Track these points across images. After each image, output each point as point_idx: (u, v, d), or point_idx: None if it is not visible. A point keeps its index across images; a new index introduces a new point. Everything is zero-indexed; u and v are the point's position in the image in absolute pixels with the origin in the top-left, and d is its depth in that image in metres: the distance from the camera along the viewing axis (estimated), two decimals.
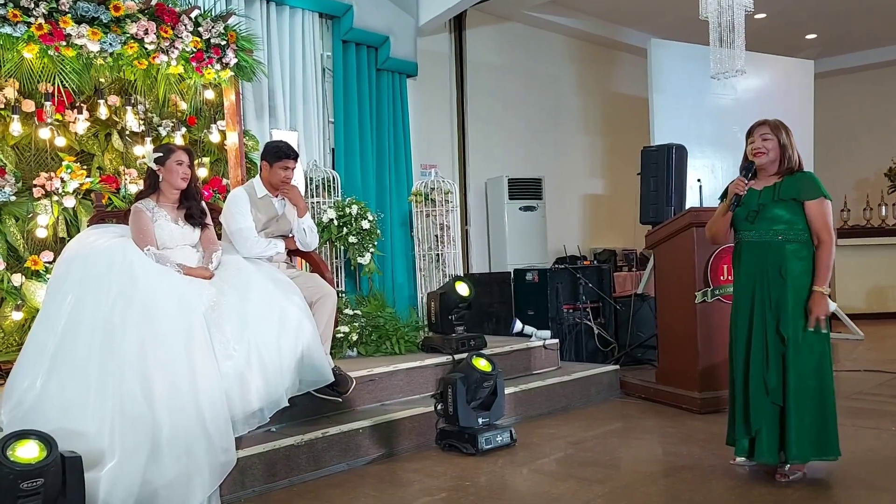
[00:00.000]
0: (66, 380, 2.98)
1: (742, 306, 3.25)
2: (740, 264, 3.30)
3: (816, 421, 3.11)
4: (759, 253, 3.20)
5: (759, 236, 3.20)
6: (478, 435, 3.76)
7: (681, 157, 6.35)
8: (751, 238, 3.24)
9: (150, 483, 2.83)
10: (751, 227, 3.23)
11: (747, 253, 3.26)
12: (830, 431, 3.13)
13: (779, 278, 3.14)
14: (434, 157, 7.20)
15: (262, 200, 4.01)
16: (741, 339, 3.24)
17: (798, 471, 3.17)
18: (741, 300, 3.27)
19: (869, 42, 9.43)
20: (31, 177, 4.28)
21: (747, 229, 3.24)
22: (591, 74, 8.92)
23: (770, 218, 3.17)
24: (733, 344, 3.29)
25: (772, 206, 3.17)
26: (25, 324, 4.05)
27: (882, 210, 9.55)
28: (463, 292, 4.70)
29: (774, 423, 3.13)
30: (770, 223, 3.17)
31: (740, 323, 3.26)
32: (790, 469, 3.15)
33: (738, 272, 3.31)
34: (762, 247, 3.19)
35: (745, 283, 3.24)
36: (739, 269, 3.31)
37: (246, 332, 3.29)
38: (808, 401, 3.09)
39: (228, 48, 4.62)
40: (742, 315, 3.25)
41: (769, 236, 3.17)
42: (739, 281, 3.29)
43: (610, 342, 6.27)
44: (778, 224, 3.16)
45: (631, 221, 7.41)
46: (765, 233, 3.18)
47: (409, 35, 6.57)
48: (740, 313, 3.26)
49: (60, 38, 3.94)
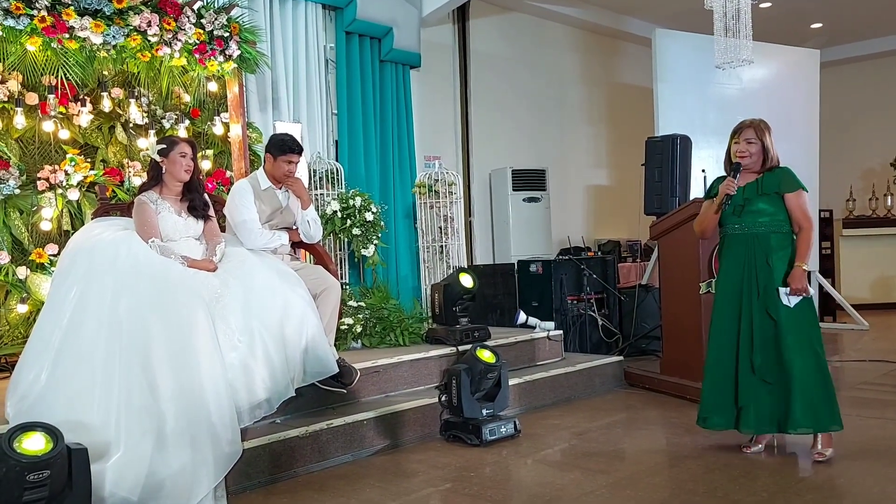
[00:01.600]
0: (72, 372, 2.99)
1: (730, 295, 3.45)
2: (727, 256, 3.50)
3: (820, 393, 3.29)
4: (747, 244, 3.41)
5: (746, 229, 3.42)
6: (482, 426, 3.77)
7: (685, 147, 6.33)
8: (737, 231, 3.45)
9: (155, 474, 2.84)
10: (737, 221, 3.44)
11: (735, 245, 3.46)
12: (833, 403, 3.31)
13: (766, 266, 3.36)
14: (438, 149, 7.19)
15: (265, 192, 4.01)
16: (730, 324, 3.43)
17: (828, 447, 3.33)
18: (728, 289, 3.46)
19: (875, 31, 9.37)
20: (36, 170, 4.28)
21: (734, 223, 3.46)
22: (596, 64, 8.88)
23: (755, 211, 3.40)
24: (717, 329, 3.48)
25: (756, 200, 3.40)
26: (30, 316, 4.06)
27: (888, 200, 9.49)
28: (467, 284, 4.70)
29: (763, 398, 3.34)
30: (755, 216, 3.40)
31: (728, 310, 3.45)
32: (822, 447, 3.32)
33: (725, 263, 3.51)
34: (749, 238, 3.41)
35: (733, 273, 3.44)
36: (726, 260, 3.50)
37: (250, 324, 3.30)
38: (809, 375, 3.28)
39: (231, 40, 4.62)
40: (731, 303, 3.44)
41: (755, 228, 3.40)
42: (727, 271, 3.49)
43: (614, 333, 6.27)
44: (762, 216, 3.39)
45: (635, 212, 7.38)
46: (751, 225, 3.41)
47: (413, 26, 6.55)
48: (728, 301, 3.45)
49: (63, 30, 3.94)
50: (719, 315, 3.49)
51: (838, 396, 3.36)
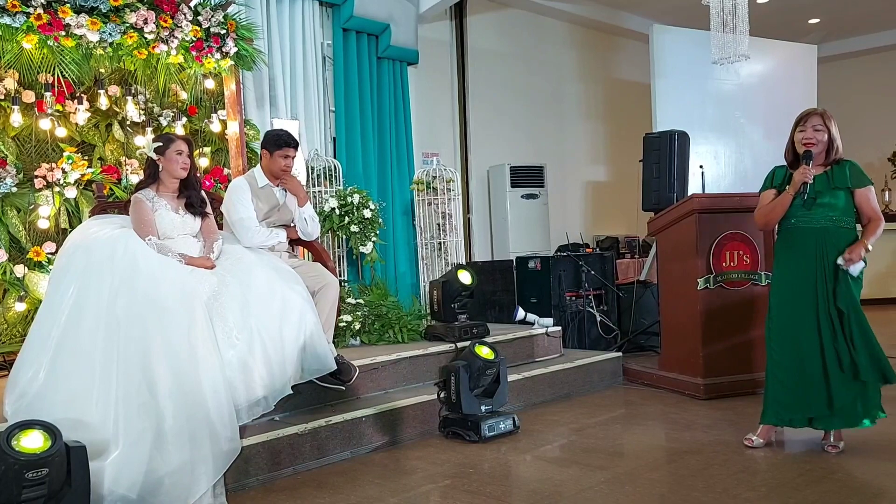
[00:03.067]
0: (70, 370, 2.99)
1: (801, 289, 3.35)
2: (793, 249, 3.40)
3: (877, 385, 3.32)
4: (817, 237, 3.33)
5: (816, 222, 3.34)
6: (481, 422, 3.77)
7: (683, 143, 6.32)
8: (807, 224, 3.36)
9: (154, 472, 2.84)
10: (807, 214, 3.36)
11: (804, 237, 3.36)
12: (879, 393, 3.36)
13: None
14: (436, 146, 7.18)
15: (263, 190, 4.01)
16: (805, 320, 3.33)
17: (840, 440, 3.37)
18: (798, 284, 3.36)
19: (872, 26, 9.37)
20: (33, 168, 4.28)
21: (803, 215, 3.37)
22: (593, 60, 8.87)
23: (826, 205, 3.33)
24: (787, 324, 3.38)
25: (826, 194, 3.34)
26: (28, 315, 4.06)
27: (886, 195, 9.52)
28: (465, 280, 4.70)
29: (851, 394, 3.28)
30: (826, 209, 3.33)
31: (802, 305, 3.34)
32: (835, 440, 3.36)
33: (792, 256, 3.41)
34: (819, 232, 3.33)
35: (804, 267, 3.35)
36: (793, 253, 3.40)
37: (248, 321, 3.30)
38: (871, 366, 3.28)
39: (228, 37, 4.61)
40: (804, 297, 3.34)
41: (826, 222, 3.33)
42: (795, 265, 3.38)
43: (613, 329, 6.27)
44: (833, 210, 3.33)
45: (633, 208, 7.39)
46: (821, 219, 3.34)
47: (410, 22, 6.53)
48: (801, 296, 3.35)
49: (60, 27, 3.93)
50: (789, 310, 3.38)
51: None
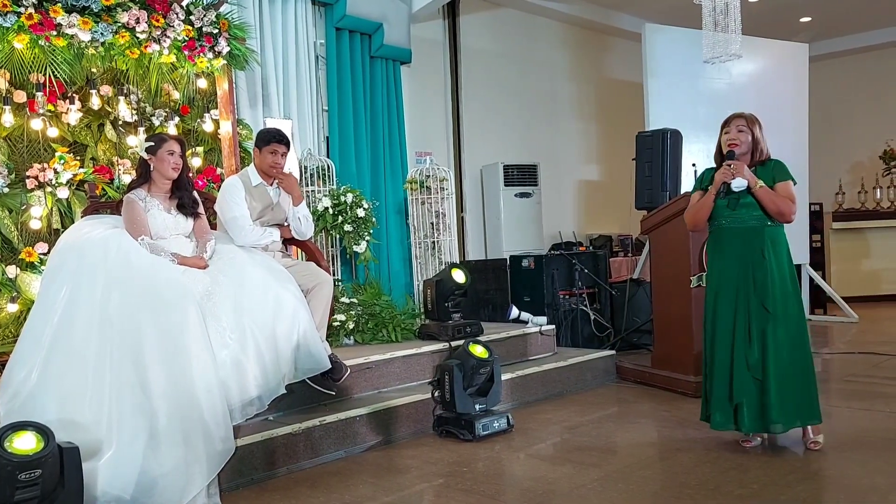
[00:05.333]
0: (63, 370, 2.98)
1: (726, 289, 3.40)
2: (720, 250, 3.46)
3: (800, 388, 3.31)
4: (742, 238, 3.38)
5: (741, 222, 3.39)
6: (475, 421, 3.78)
7: (675, 142, 6.35)
8: (731, 224, 3.41)
9: (148, 472, 2.83)
10: (731, 214, 3.40)
11: (729, 238, 3.42)
12: (814, 398, 3.34)
13: (761, 259, 3.34)
14: (429, 145, 7.18)
15: (256, 189, 4.00)
16: (726, 319, 3.38)
17: (819, 433, 3.40)
18: (724, 284, 3.42)
19: (863, 25, 9.41)
20: (24, 168, 4.25)
21: (727, 216, 3.42)
22: (586, 60, 8.89)
23: (750, 204, 3.36)
24: (714, 324, 3.44)
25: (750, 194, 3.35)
26: (21, 315, 4.04)
27: (877, 193, 9.56)
28: (459, 279, 4.71)
29: (755, 395, 3.32)
30: (751, 209, 3.36)
31: (724, 305, 3.40)
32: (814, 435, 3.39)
33: (719, 257, 3.46)
34: (744, 232, 3.38)
35: (729, 267, 3.41)
36: (720, 254, 3.46)
37: (242, 321, 3.30)
38: (791, 370, 3.29)
39: (221, 36, 4.59)
40: (727, 297, 3.39)
41: (753, 221, 3.37)
42: (722, 265, 3.44)
43: (606, 327, 6.29)
44: (757, 210, 3.35)
45: (626, 207, 7.40)
46: (746, 218, 3.37)
47: (403, 22, 6.54)
48: (724, 296, 3.41)
49: (51, 27, 3.91)
50: (717, 309, 3.42)
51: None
